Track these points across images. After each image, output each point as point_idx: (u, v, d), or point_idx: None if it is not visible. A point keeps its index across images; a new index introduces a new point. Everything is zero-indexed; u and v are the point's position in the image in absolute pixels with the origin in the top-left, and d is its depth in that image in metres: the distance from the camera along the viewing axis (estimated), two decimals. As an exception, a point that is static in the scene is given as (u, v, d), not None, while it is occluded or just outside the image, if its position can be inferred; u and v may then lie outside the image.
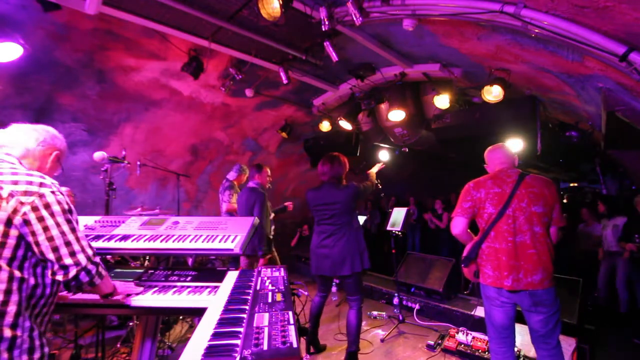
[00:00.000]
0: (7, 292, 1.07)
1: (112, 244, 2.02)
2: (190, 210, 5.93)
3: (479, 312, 3.86)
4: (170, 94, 4.30)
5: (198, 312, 1.54)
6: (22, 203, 1.12)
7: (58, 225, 1.17)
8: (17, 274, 1.10)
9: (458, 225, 2.28)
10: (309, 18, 2.97)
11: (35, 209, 1.14)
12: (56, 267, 1.17)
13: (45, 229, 1.15)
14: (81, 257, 1.21)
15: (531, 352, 2.99)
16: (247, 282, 1.76)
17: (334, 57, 3.40)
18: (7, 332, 1.05)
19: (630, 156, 4.56)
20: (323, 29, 2.89)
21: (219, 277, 1.91)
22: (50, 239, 1.15)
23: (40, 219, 1.14)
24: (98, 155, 2.85)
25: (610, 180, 9.97)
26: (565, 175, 12.94)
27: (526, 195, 2.12)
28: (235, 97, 4.77)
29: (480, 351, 3.19)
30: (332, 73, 4.63)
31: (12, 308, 1.08)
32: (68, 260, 1.18)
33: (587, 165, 9.62)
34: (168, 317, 3.54)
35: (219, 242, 2.08)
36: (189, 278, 1.93)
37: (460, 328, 3.51)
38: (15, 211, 1.11)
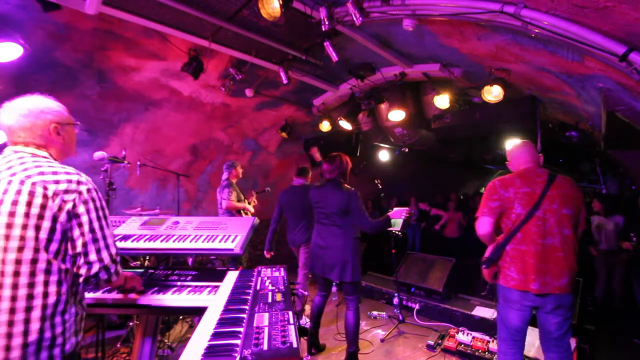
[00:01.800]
0: (59, 283, 1.20)
1: (112, 244, 2.02)
2: (190, 211, 5.93)
3: (479, 312, 3.86)
4: (170, 94, 4.30)
5: (198, 312, 1.55)
6: (65, 201, 1.21)
7: (91, 221, 1.26)
8: (63, 265, 1.21)
9: (485, 225, 2.13)
10: (309, 18, 2.97)
11: (75, 206, 1.23)
12: (82, 261, 1.25)
13: (80, 225, 1.24)
14: (105, 255, 1.29)
15: (531, 352, 3.00)
16: (247, 282, 1.76)
17: (334, 57, 3.39)
18: (59, 318, 1.18)
19: (630, 156, 4.55)
20: (323, 29, 2.88)
21: (219, 276, 1.91)
22: (82, 234, 1.24)
23: (76, 215, 1.23)
24: (98, 155, 2.84)
25: (610, 180, 9.97)
26: (566, 175, 12.92)
27: (557, 197, 2.04)
28: (235, 97, 4.77)
29: (480, 351, 3.19)
30: (332, 73, 4.63)
31: (63, 297, 1.20)
32: (93, 257, 1.26)
33: (587, 165, 9.62)
34: (168, 317, 3.54)
35: (219, 242, 2.09)
36: (189, 278, 1.93)
37: (460, 328, 3.52)
38: (60, 209, 1.20)
